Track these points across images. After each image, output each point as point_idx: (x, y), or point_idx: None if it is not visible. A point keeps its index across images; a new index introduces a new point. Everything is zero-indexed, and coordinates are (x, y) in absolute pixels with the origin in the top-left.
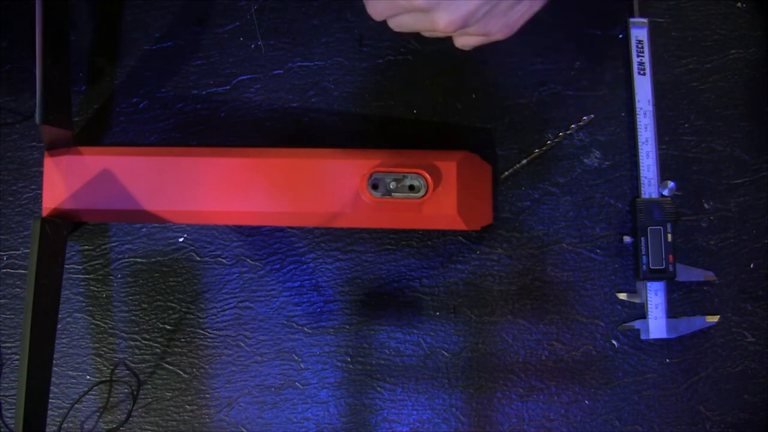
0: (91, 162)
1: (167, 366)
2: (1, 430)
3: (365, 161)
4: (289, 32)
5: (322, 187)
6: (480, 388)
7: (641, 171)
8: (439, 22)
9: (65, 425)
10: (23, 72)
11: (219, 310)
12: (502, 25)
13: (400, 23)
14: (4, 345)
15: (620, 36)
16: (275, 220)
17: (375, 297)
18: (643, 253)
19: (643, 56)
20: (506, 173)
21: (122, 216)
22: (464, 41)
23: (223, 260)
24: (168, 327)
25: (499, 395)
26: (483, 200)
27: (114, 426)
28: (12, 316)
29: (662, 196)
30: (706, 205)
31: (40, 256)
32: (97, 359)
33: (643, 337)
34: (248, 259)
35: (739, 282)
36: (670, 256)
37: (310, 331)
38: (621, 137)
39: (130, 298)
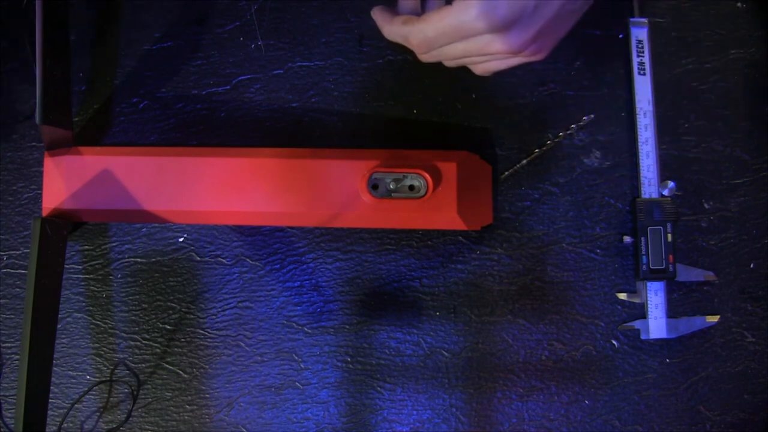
0: (91, 162)
1: (167, 366)
2: (1, 430)
3: (365, 161)
4: (289, 32)
5: (322, 187)
6: (480, 388)
7: (641, 171)
8: (503, 43)
9: (65, 425)
10: (23, 72)
11: (219, 310)
12: (552, 41)
13: (449, 53)
14: (4, 345)
15: (620, 36)
16: (275, 220)
17: (375, 297)
18: (643, 253)
19: (643, 56)
20: (506, 173)
21: (122, 216)
22: (492, 66)
23: (223, 260)
24: (168, 327)
25: (499, 395)
26: (483, 200)
27: (114, 426)
28: (12, 316)
29: (662, 196)
30: (706, 205)
31: (40, 256)
32: (97, 359)
33: (643, 337)
34: (248, 259)
35: (739, 282)
36: (670, 256)
37: (310, 331)
38: (621, 137)
39: (130, 298)
